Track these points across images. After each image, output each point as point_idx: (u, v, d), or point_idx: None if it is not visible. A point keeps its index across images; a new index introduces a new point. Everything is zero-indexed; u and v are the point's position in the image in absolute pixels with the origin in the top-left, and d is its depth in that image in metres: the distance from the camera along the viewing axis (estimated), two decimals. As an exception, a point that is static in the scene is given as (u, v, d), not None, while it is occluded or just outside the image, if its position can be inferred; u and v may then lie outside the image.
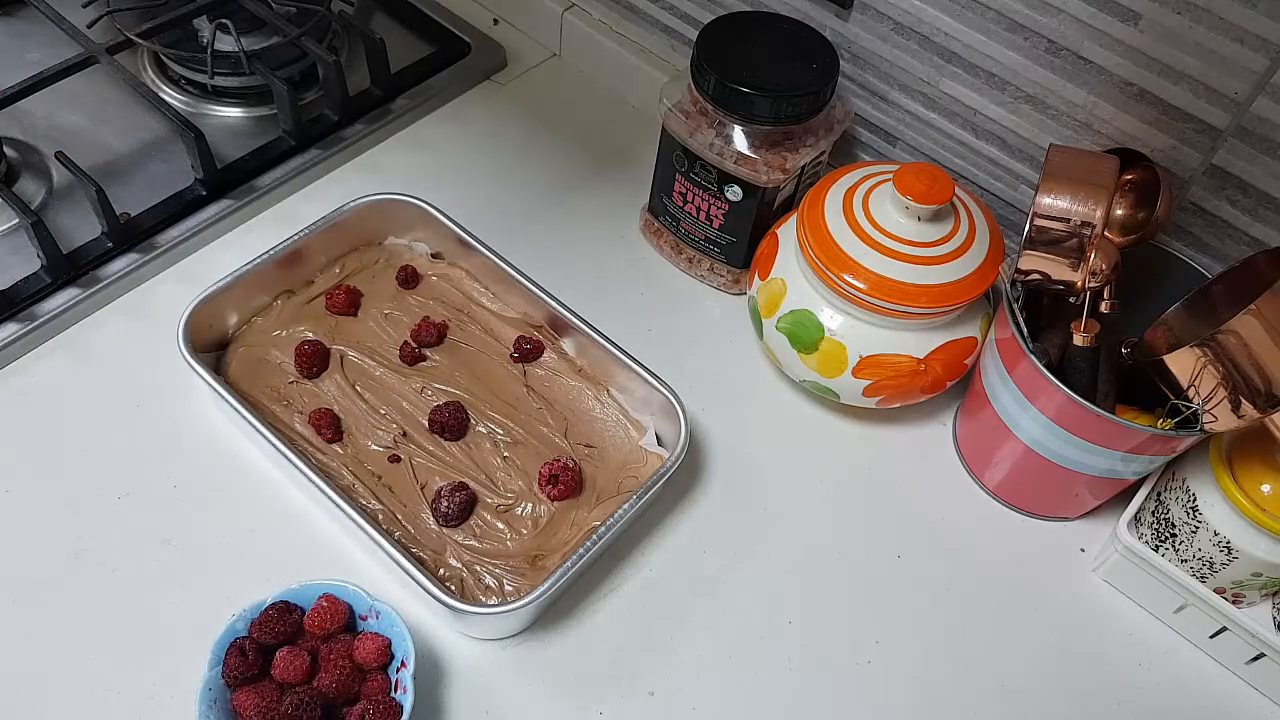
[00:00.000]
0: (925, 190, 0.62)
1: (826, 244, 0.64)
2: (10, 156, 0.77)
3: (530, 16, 0.96)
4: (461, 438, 0.66)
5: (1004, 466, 0.67)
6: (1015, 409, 0.63)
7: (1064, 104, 0.68)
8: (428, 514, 0.62)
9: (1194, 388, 0.55)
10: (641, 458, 0.66)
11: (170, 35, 0.83)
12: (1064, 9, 0.64)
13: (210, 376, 0.62)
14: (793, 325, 0.67)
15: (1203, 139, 0.64)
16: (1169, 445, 0.60)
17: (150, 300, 0.73)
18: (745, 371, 0.75)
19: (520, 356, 0.70)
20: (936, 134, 0.77)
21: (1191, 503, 0.61)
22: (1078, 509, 0.68)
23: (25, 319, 0.69)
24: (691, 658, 0.61)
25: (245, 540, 0.62)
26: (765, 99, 0.67)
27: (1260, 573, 0.59)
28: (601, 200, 0.84)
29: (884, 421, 0.73)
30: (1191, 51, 0.61)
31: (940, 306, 0.63)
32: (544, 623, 0.61)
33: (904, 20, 0.73)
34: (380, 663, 0.55)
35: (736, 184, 0.71)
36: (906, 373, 0.66)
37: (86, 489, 0.63)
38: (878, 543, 0.67)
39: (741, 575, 0.64)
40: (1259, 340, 0.52)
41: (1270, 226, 0.64)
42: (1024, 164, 0.74)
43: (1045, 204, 0.58)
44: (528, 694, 0.58)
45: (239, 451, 0.66)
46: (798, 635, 0.62)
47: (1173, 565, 0.61)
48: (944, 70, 0.73)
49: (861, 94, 0.79)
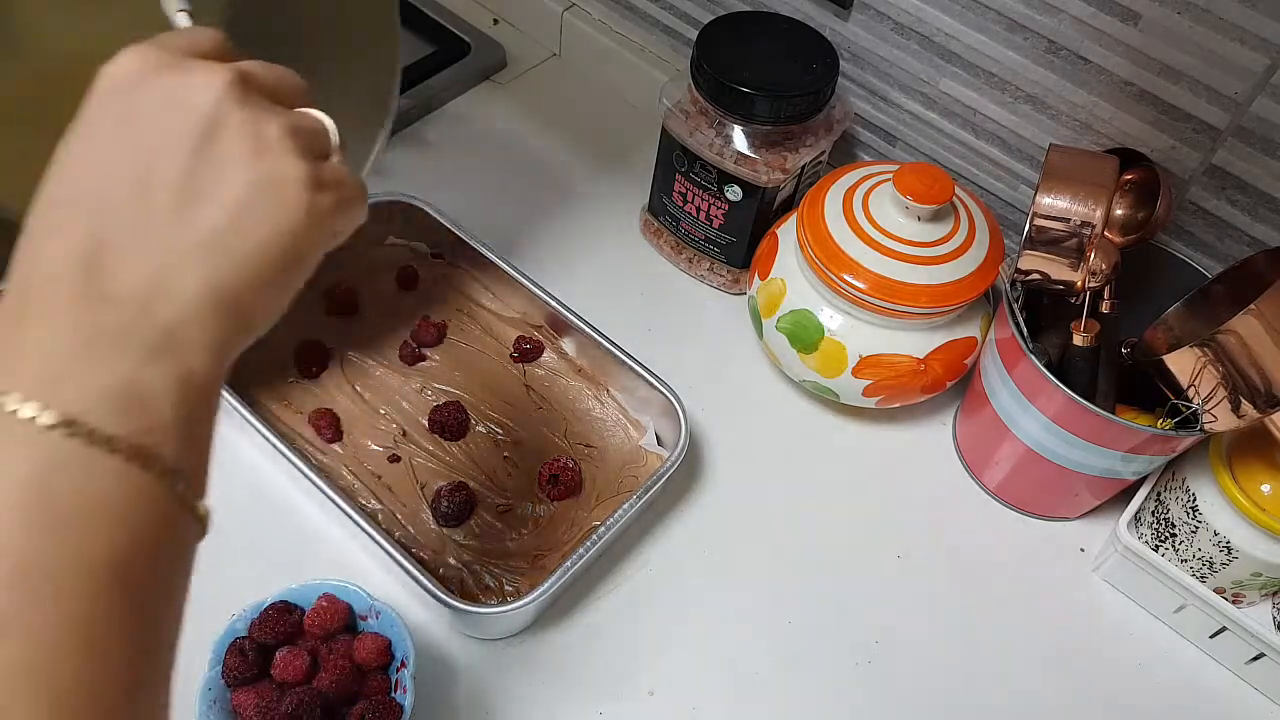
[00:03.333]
0: (925, 190, 0.62)
1: (826, 244, 0.64)
2: (10, 156, 0.77)
3: (530, 16, 0.96)
4: (461, 438, 0.66)
5: (1004, 466, 0.67)
6: (1015, 409, 0.63)
7: (1064, 104, 0.68)
8: (428, 514, 0.62)
9: (1194, 388, 0.55)
10: (641, 458, 0.66)
11: (170, 35, 0.83)
12: (1064, 9, 0.64)
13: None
14: (793, 325, 0.67)
15: (1203, 139, 0.64)
16: (1169, 445, 0.60)
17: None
18: (745, 371, 0.75)
19: (520, 356, 0.70)
20: (936, 134, 0.77)
21: (1191, 503, 0.61)
22: (1077, 509, 0.68)
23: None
24: (691, 658, 0.61)
25: (245, 540, 0.62)
26: (765, 99, 0.67)
27: (1260, 573, 0.59)
28: (601, 200, 0.84)
29: (884, 421, 0.73)
30: (1191, 51, 0.61)
31: (940, 306, 0.63)
32: (544, 622, 0.61)
33: (904, 20, 0.73)
34: (380, 663, 0.55)
35: (736, 184, 0.71)
36: (906, 373, 0.66)
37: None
38: (878, 543, 0.67)
39: (741, 575, 0.64)
40: (1259, 340, 0.52)
41: (1270, 226, 0.64)
42: (1024, 164, 0.74)
43: (1045, 204, 0.58)
44: (528, 694, 0.58)
45: (239, 451, 0.66)
46: (798, 635, 0.62)
47: (1172, 565, 0.61)
48: (944, 70, 0.73)
49: (861, 94, 0.79)
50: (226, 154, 0.33)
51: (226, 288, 0.32)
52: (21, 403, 0.28)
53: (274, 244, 0.33)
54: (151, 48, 0.33)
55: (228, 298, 0.32)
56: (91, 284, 0.30)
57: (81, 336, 0.30)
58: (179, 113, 0.32)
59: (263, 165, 0.33)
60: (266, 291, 0.34)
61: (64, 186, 0.32)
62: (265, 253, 0.33)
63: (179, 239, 0.32)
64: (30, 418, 0.28)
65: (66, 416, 0.28)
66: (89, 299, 0.30)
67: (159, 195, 0.32)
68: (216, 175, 0.32)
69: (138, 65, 0.33)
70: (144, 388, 0.30)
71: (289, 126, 0.34)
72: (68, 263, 0.31)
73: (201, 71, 0.33)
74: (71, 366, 0.29)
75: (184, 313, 0.31)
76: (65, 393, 0.29)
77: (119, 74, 0.33)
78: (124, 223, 0.31)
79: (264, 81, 0.35)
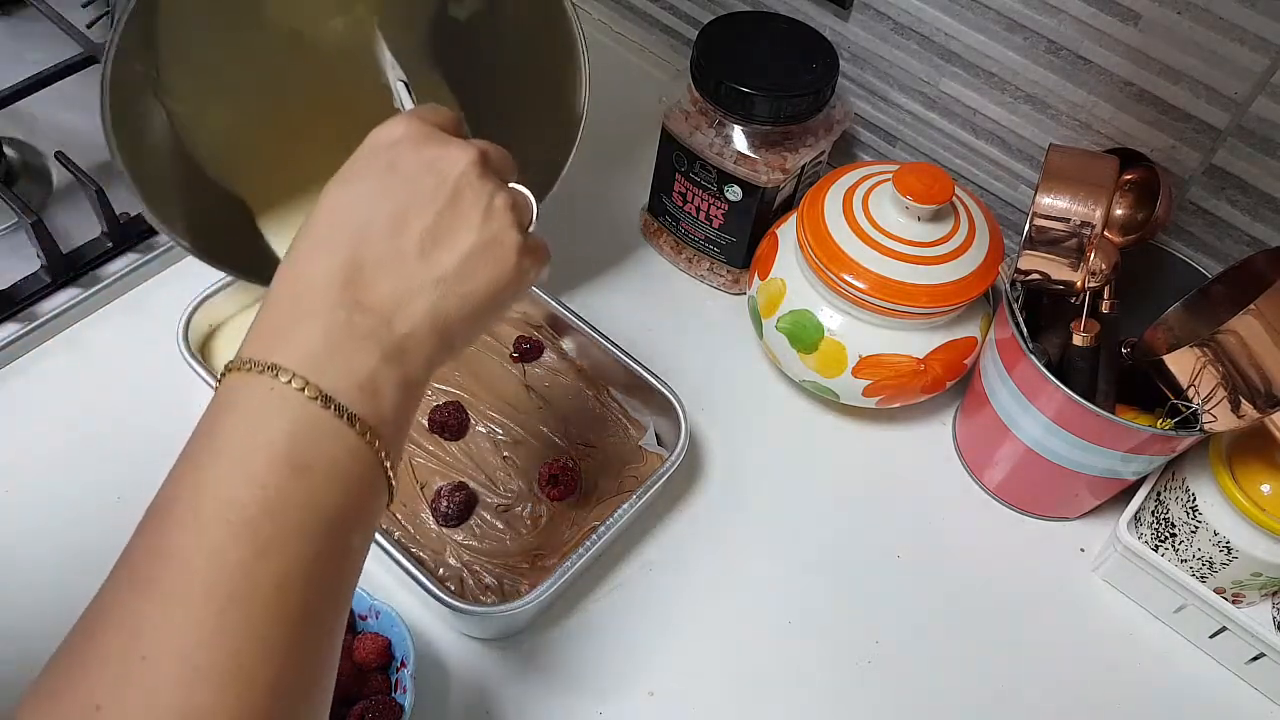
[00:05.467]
0: (925, 190, 0.62)
1: (826, 244, 0.64)
2: (10, 156, 0.77)
3: (530, 16, 0.95)
4: (461, 437, 0.66)
5: (1004, 466, 0.67)
6: (1015, 409, 0.63)
7: (1064, 104, 0.68)
8: (428, 514, 0.62)
9: (1194, 388, 0.55)
10: (641, 458, 0.66)
11: (170, 35, 0.83)
12: (1064, 9, 0.64)
13: (211, 376, 0.62)
14: (792, 325, 0.67)
15: (1203, 139, 0.64)
16: (1169, 445, 0.60)
17: (150, 300, 0.73)
18: (745, 371, 0.75)
19: (520, 356, 0.70)
20: (936, 134, 0.77)
21: (1191, 503, 0.61)
22: (1077, 509, 0.68)
23: (25, 319, 0.69)
24: (691, 658, 0.61)
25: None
26: (765, 99, 0.67)
27: (1260, 573, 0.59)
28: (601, 200, 0.84)
29: (884, 421, 0.73)
30: (1191, 51, 0.61)
31: (940, 306, 0.63)
32: (544, 622, 0.61)
33: (903, 20, 0.73)
34: (380, 663, 0.55)
35: (736, 184, 0.71)
36: (906, 373, 0.66)
37: (85, 490, 0.63)
38: (878, 543, 0.67)
39: (741, 575, 0.64)
40: (1259, 340, 0.52)
41: (1270, 226, 0.64)
42: (1024, 164, 0.74)
43: (1045, 204, 0.58)
44: (528, 694, 0.58)
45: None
46: (797, 635, 0.62)
47: (1172, 565, 0.61)
48: (944, 70, 0.73)
49: (861, 94, 0.79)
50: (464, 215, 0.42)
51: (445, 316, 0.41)
52: (293, 377, 0.36)
53: (486, 290, 0.42)
54: (415, 120, 0.43)
55: (443, 324, 0.41)
56: (351, 294, 0.39)
57: (341, 334, 0.38)
58: (434, 176, 0.42)
59: (489, 228, 0.42)
60: (472, 324, 0.42)
61: (335, 215, 0.41)
62: (479, 295, 0.42)
63: (419, 272, 0.40)
64: (299, 389, 0.36)
65: (325, 392, 0.36)
66: (348, 306, 0.38)
67: (410, 235, 0.40)
68: (454, 229, 0.41)
69: (404, 132, 0.43)
70: (380, 383, 0.38)
71: (509, 200, 0.43)
72: (335, 275, 0.39)
73: (456, 147, 0.43)
74: (332, 356, 0.37)
75: (414, 330, 0.40)
76: (327, 375, 0.37)
77: (390, 136, 0.43)
78: (380, 251, 0.40)
79: (493, 160, 0.44)
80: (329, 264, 0.39)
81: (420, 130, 0.43)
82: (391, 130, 0.43)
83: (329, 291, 0.38)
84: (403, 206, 0.41)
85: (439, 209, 0.41)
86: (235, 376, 0.37)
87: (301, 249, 0.40)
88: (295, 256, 0.40)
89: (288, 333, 0.38)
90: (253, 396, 0.37)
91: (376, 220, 0.40)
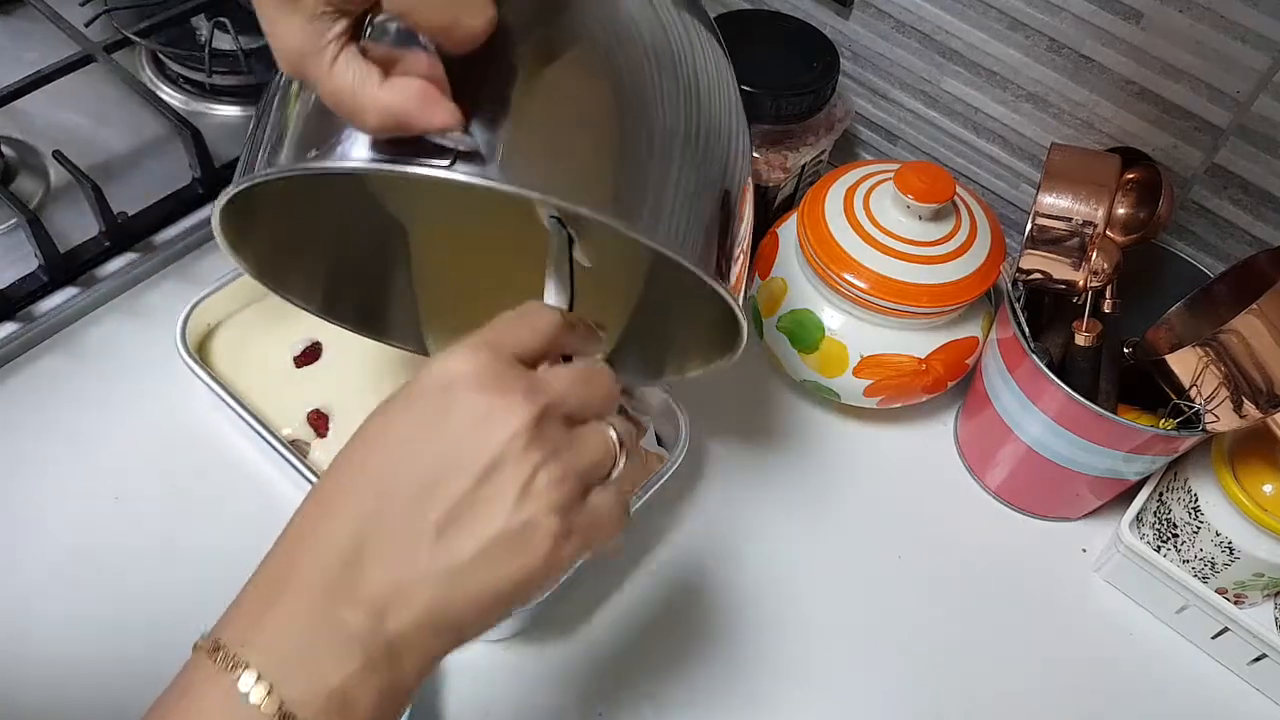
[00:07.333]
0: (926, 189, 0.62)
1: (827, 243, 0.64)
2: (7, 155, 0.77)
3: (530, 15, 0.95)
4: (461, 438, 0.66)
5: (1005, 467, 0.67)
6: (1017, 409, 0.63)
7: (1065, 102, 0.68)
8: (427, 514, 0.62)
9: (1196, 387, 0.55)
10: (642, 458, 0.66)
11: (168, 34, 0.82)
12: (1065, 7, 0.64)
13: (210, 376, 0.62)
14: (793, 325, 0.67)
15: (1204, 138, 0.63)
16: (1171, 445, 0.60)
17: (149, 300, 0.73)
18: (745, 371, 0.74)
19: (520, 356, 0.70)
20: (937, 132, 0.77)
21: (1193, 503, 0.61)
22: (1079, 509, 0.68)
23: (23, 319, 0.69)
24: (690, 658, 0.61)
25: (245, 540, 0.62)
26: (765, 97, 0.67)
27: (1262, 573, 0.59)
28: (601, 199, 0.83)
29: (884, 421, 0.73)
30: (1193, 50, 0.61)
31: (941, 306, 0.63)
32: (544, 623, 0.61)
33: (904, 18, 0.72)
34: (379, 664, 0.55)
35: (737, 183, 0.71)
36: (907, 373, 0.66)
37: (83, 490, 0.63)
38: (878, 543, 0.67)
39: (740, 575, 0.64)
40: (1261, 340, 0.52)
41: (1272, 226, 0.64)
42: (1025, 163, 0.73)
43: (1047, 203, 0.58)
44: (527, 694, 0.58)
45: (238, 451, 0.66)
46: (797, 636, 0.62)
47: (1174, 566, 0.61)
48: (945, 69, 0.73)
49: (862, 92, 0.79)
50: (496, 492, 0.35)
51: (448, 614, 0.35)
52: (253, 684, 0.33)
53: (505, 586, 0.36)
54: (483, 354, 0.37)
55: (446, 622, 0.36)
56: (347, 577, 0.35)
57: (321, 631, 0.34)
58: (477, 438, 0.36)
59: (522, 512, 0.36)
60: (484, 619, 0.37)
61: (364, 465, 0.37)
62: (494, 591, 0.36)
63: (428, 560, 0.35)
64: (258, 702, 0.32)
65: (286, 706, 0.33)
66: (337, 595, 0.34)
67: (432, 513, 0.35)
68: (478, 512, 0.35)
69: (464, 369, 0.36)
70: (355, 695, 0.34)
71: (560, 474, 0.36)
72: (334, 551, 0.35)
73: (515, 399, 0.36)
74: (303, 658, 0.34)
75: (407, 629, 0.35)
76: (295, 683, 0.33)
77: (449, 373, 0.37)
78: (391, 532, 0.35)
79: (570, 407, 0.38)
80: (333, 533, 0.35)
81: (484, 369, 0.37)
82: (451, 366, 0.37)
83: (324, 572, 0.35)
84: (436, 474, 0.36)
85: (469, 483, 0.35)
86: (203, 662, 0.34)
87: (306, 508, 0.37)
88: (306, 510, 0.37)
89: (266, 618, 0.35)
90: (210, 697, 0.33)
91: (402, 485, 0.36)
